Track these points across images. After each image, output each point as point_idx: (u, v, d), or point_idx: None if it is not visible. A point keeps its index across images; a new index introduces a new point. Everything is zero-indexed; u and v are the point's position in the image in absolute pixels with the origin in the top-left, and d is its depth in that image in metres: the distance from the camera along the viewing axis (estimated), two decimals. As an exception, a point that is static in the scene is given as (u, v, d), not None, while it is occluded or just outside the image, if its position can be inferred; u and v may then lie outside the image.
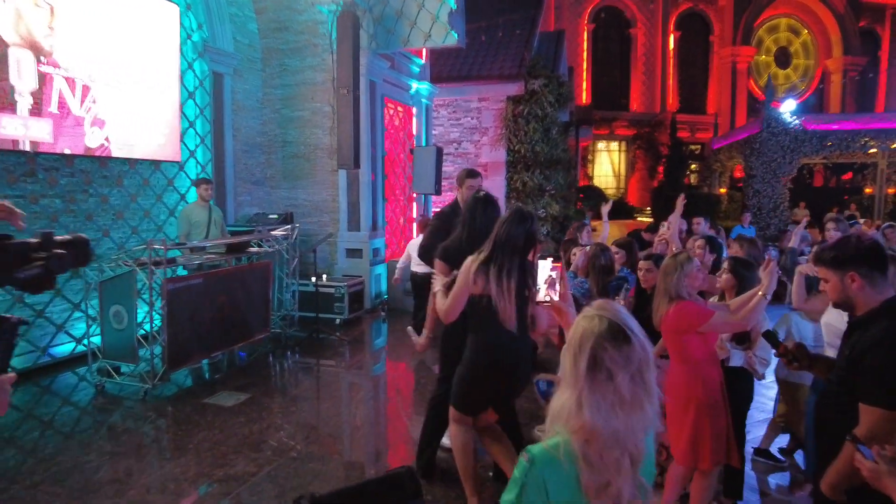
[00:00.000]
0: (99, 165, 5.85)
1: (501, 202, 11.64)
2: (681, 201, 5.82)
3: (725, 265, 3.45)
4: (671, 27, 29.70)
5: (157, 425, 4.21)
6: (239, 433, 3.98)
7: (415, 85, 9.30)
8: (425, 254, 3.81)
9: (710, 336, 3.00)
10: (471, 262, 2.72)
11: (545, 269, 1.99)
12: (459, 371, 2.97)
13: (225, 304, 5.51)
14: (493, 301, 2.66)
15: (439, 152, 7.67)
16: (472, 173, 4.03)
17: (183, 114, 6.81)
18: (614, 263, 4.19)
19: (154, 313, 4.79)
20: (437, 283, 2.93)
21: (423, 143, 9.67)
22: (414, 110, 9.59)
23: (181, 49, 6.72)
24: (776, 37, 31.50)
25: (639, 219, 25.65)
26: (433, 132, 11.11)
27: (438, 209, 4.21)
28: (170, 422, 4.24)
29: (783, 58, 31.69)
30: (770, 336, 2.41)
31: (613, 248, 4.95)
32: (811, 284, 3.63)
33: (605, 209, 5.81)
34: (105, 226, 5.95)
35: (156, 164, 6.49)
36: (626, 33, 29.50)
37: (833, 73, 31.38)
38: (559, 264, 2.02)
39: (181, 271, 5.80)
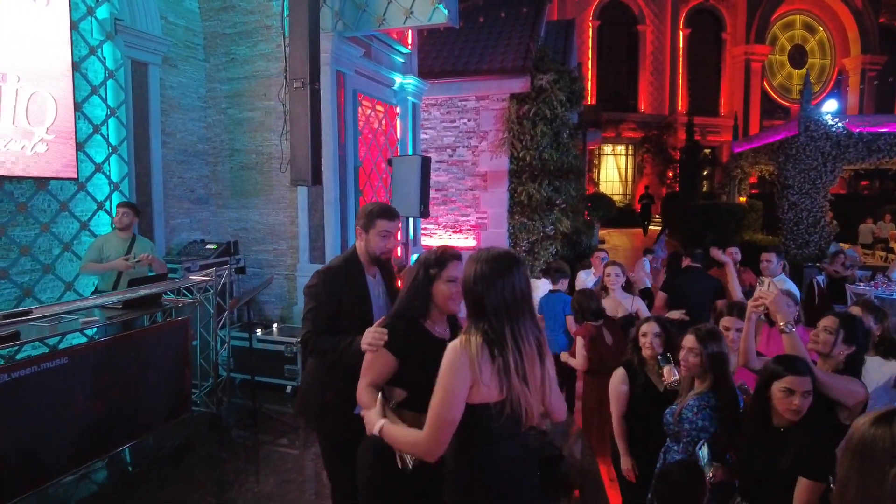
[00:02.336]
0: (-60, 187, 4.17)
1: (503, 217, 9.95)
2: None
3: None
4: (681, 24, 28.05)
5: None
6: None
7: (398, 79, 7.62)
8: (305, 346, 2.45)
9: None
10: (464, 344, 1.74)
11: None
12: None
13: (110, 386, 3.83)
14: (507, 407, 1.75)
15: (425, 163, 6.00)
16: (386, 211, 2.53)
17: (82, 114, 5.13)
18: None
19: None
20: (374, 416, 1.87)
21: (410, 150, 7.99)
22: (398, 110, 7.91)
23: (79, 27, 5.05)
24: (791, 34, 29.89)
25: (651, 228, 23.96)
26: (423, 136, 9.43)
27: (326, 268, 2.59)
28: None
29: (798, 56, 30.07)
30: None
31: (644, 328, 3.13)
32: None
33: None
34: (-48, 270, 4.27)
35: (39, 182, 4.79)
36: (633, 30, 27.85)
37: (851, 72, 29.76)
38: None
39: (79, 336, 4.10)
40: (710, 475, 2.31)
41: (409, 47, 7.86)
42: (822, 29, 30.08)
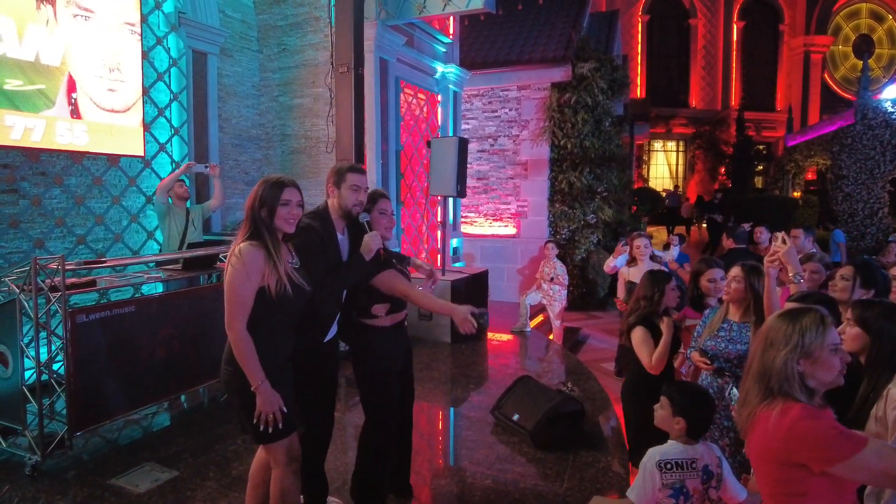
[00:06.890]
0: (29, 160, 4.69)
1: (544, 205, 10.05)
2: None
3: (850, 314, 1.98)
4: (735, 17, 27.29)
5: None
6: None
7: (440, 68, 7.89)
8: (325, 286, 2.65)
9: (846, 482, 1.53)
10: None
11: None
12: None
13: (173, 338, 4.22)
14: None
15: (462, 144, 6.23)
16: (354, 167, 2.73)
17: (149, 98, 5.63)
18: None
19: (57, 354, 3.55)
20: None
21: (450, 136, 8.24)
22: (439, 98, 8.19)
23: (147, 19, 5.55)
24: (856, 23, 28.56)
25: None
26: (465, 126, 9.68)
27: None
28: (44, 521, 2.95)
29: (864, 47, 28.69)
30: None
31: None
32: None
33: None
34: (38, 235, 4.79)
35: (111, 158, 5.31)
36: (684, 24, 27.29)
37: (922, 62, 28.21)
38: None
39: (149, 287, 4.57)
40: None
41: (451, 37, 8.12)
42: (890, 17, 28.64)
